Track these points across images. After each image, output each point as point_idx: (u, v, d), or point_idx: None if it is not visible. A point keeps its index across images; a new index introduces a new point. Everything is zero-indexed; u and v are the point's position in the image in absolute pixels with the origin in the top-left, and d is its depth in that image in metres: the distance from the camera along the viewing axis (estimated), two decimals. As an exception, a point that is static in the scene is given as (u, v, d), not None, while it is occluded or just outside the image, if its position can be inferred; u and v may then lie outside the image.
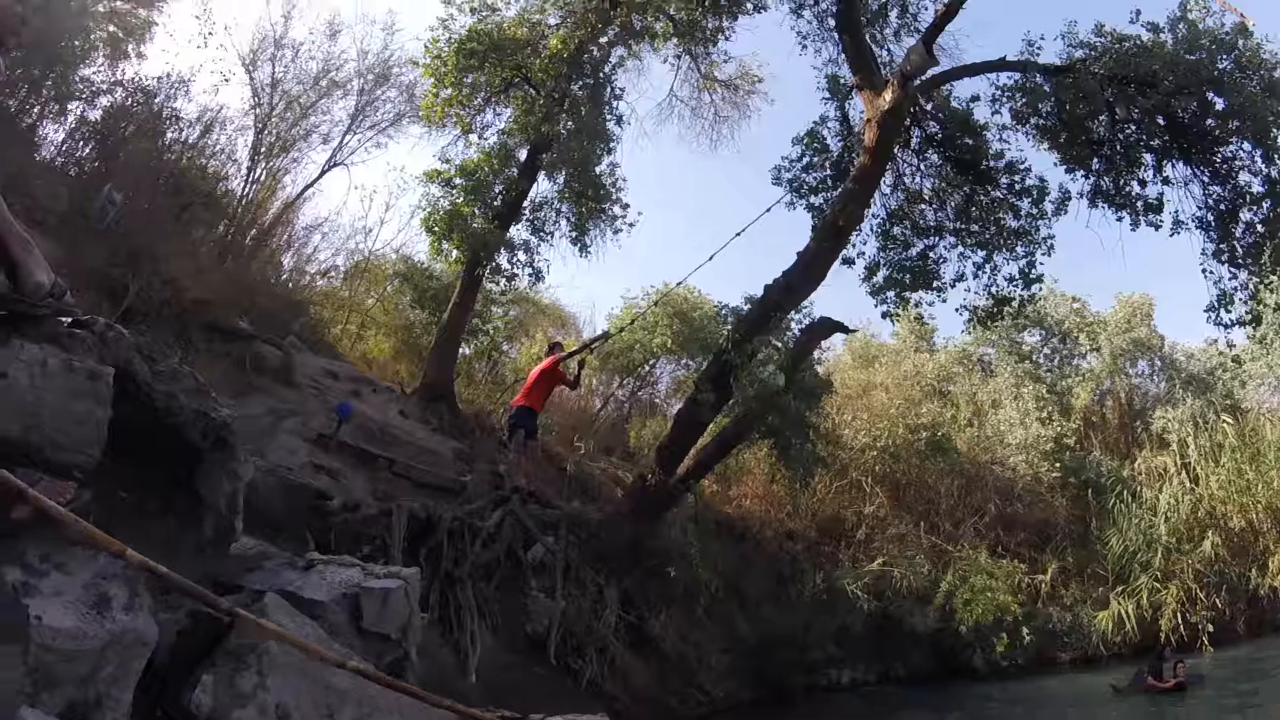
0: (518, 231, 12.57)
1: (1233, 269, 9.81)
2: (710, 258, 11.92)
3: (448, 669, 6.61)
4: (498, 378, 17.78)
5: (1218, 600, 14.59)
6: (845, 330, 12.00)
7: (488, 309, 15.07)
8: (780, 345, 9.94)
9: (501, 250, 12.17)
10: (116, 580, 2.21)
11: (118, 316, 8.00)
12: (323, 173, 17.82)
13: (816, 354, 12.43)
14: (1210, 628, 14.19)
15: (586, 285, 55.06)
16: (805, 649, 12.03)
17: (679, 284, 13.89)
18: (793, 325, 10.32)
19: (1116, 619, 14.50)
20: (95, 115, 11.65)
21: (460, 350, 14.27)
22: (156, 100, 12.26)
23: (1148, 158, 10.03)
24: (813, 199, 11.28)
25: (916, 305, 11.70)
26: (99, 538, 2.23)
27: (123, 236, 9.49)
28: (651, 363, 17.98)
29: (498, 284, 13.40)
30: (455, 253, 12.08)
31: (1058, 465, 17.14)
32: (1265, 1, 9.67)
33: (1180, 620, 14.29)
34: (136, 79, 12.28)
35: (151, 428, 2.99)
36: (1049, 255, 10.61)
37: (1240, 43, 9.25)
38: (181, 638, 2.50)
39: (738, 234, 10.23)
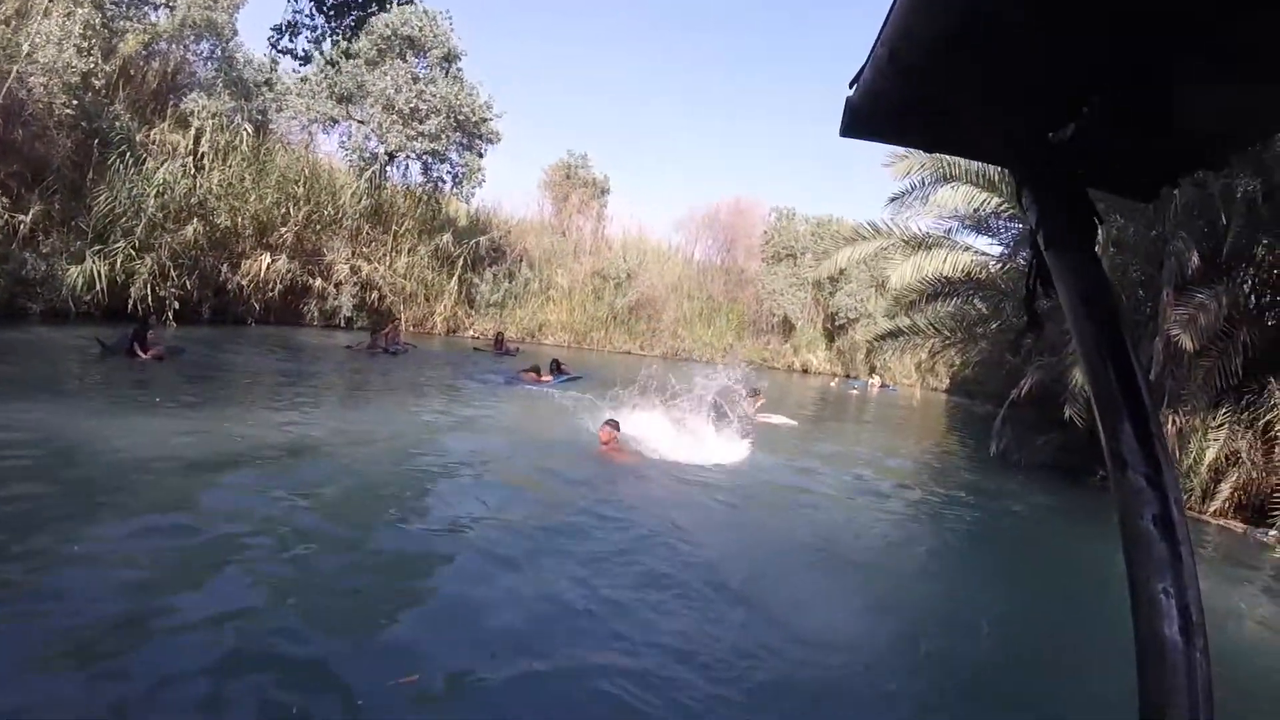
0: None
1: (317, 11, 10.38)
2: None
3: None
4: None
5: (189, 283, 16.00)
6: None
7: None
8: None
9: None
10: None
11: None
12: None
13: None
14: (177, 305, 15.53)
15: None
16: None
17: None
18: None
19: (89, 277, 14.28)
20: None
21: None
22: None
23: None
24: None
25: None
26: None
27: None
28: None
29: None
30: None
31: (75, 103, 15.15)
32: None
33: (150, 292, 15.15)
34: None
35: None
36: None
37: None
38: None
39: None
